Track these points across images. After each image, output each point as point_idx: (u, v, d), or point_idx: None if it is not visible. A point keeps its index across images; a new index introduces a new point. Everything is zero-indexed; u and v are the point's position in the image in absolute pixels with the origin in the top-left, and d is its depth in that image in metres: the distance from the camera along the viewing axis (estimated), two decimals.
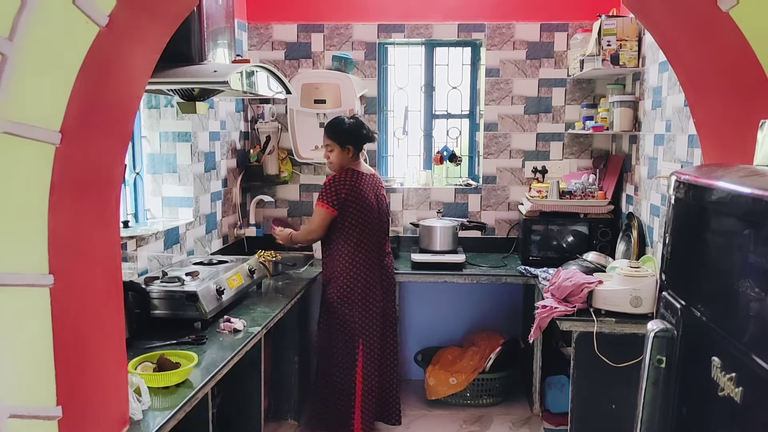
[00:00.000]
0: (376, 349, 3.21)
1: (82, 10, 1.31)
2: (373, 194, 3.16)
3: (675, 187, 1.36)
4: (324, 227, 3.10)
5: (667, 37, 1.97)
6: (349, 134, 3.11)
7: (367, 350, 3.16)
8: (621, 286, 2.71)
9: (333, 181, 3.08)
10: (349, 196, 3.06)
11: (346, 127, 3.12)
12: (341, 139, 3.10)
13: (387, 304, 3.28)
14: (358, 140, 3.13)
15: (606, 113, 3.67)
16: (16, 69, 1.24)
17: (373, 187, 3.18)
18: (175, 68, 2.23)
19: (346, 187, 3.06)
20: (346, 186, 3.06)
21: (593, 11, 3.67)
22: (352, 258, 3.10)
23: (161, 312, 2.52)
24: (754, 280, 1.02)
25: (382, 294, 3.23)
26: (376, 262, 3.18)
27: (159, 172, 3.28)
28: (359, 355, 3.14)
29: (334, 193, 3.05)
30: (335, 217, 3.07)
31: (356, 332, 3.13)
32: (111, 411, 1.63)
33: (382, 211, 3.22)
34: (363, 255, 3.12)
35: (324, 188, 3.08)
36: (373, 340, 3.19)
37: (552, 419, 3.48)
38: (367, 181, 3.14)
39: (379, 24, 3.99)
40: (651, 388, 1.34)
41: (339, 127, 3.12)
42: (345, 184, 3.06)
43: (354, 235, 3.10)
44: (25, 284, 1.32)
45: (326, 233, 3.12)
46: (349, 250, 3.10)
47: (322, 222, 3.08)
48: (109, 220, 1.60)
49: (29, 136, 1.28)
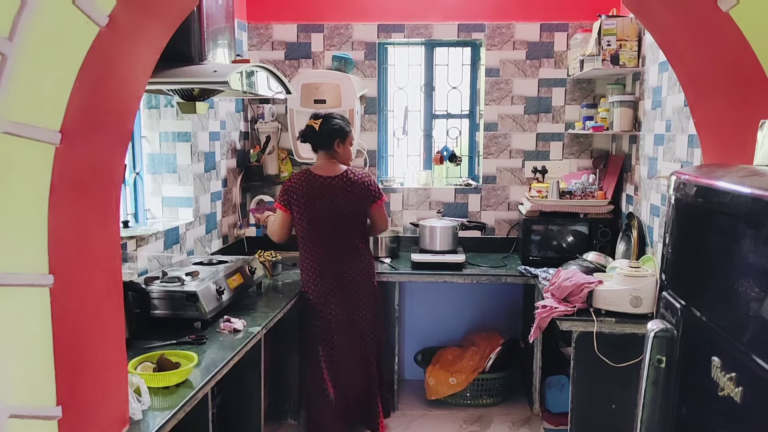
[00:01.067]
0: (339, 357, 3.14)
1: (82, 10, 1.31)
2: (325, 196, 3.05)
3: (675, 187, 1.36)
4: (282, 227, 3.11)
5: (667, 37, 1.97)
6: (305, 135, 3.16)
7: (329, 358, 3.13)
8: (621, 286, 2.71)
9: (285, 183, 3.12)
10: (291, 197, 3.06)
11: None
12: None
13: (351, 311, 3.14)
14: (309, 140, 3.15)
15: (606, 113, 3.67)
16: (16, 69, 1.24)
17: (328, 188, 3.06)
18: (175, 68, 2.22)
19: (291, 187, 3.06)
20: (292, 186, 3.07)
21: (593, 11, 3.67)
22: (304, 263, 3.13)
23: (161, 312, 2.52)
24: (754, 279, 1.02)
25: (341, 301, 3.11)
26: (329, 268, 3.09)
27: (159, 172, 3.28)
28: (323, 361, 3.12)
29: (283, 193, 3.08)
30: (292, 217, 3.09)
31: (315, 339, 3.13)
32: (111, 411, 1.63)
33: (341, 214, 3.07)
34: (311, 261, 3.10)
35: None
36: (334, 349, 3.13)
37: (552, 419, 3.48)
38: (320, 183, 3.06)
39: (379, 24, 3.99)
40: (651, 388, 1.34)
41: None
42: (291, 185, 3.07)
43: (302, 240, 3.11)
44: (25, 284, 1.32)
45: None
46: (302, 255, 3.14)
47: (280, 221, 3.10)
48: (109, 220, 1.60)
49: (29, 136, 1.28)
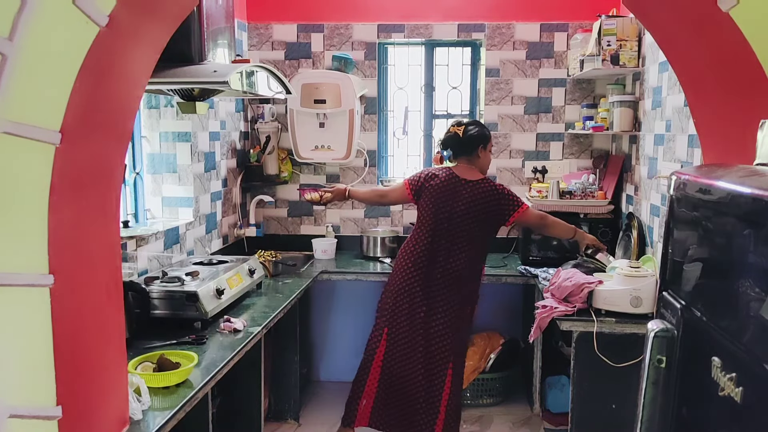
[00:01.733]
0: (400, 346, 3.03)
1: (82, 10, 1.31)
2: (449, 195, 3.01)
3: (675, 187, 1.36)
4: (397, 198, 3.22)
5: (667, 37, 1.97)
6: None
7: (392, 341, 3.04)
8: (621, 286, 2.71)
9: (427, 169, 3.17)
10: (423, 187, 3.07)
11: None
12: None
13: (428, 316, 3.00)
14: (451, 147, 3.17)
15: (606, 113, 3.67)
16: (16, 69, 1.24)
17: (452, 188, 3.02)
18: (175, 68, 2.22)
19: (422, 178, 3.10)
20: (422, 177, 3.11)
21: (593, 11, 3.66)
22: (407, 244, 3.13)
23: (161, 312, 2.52)
24: (755, 279, 1.02)
25: (422, 298, 3.00)
26: (426, 260, 3.02)
27: (159, 172, 3.28)
28: (383, 340, 3.05)
29: (421, 177, 3.12)
30: (411, 203, 3.16)
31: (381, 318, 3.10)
32: (111, 411, 1.63)
33: (456, 215, 2.99)
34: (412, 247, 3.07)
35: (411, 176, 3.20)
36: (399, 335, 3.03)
37: (552, 419, 3.48)
38: (459, 184, 3.02)
39: (379, 24, 3.99)
40: (651, 388, 1.34)
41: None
42: (422, 175, 3.12)
43: (417, 225, 3.11)
44: (25, 284, 1.32)
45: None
46: (410, 237, 3.14)
47: (399, 193, 3.17)
48: (109, 220, 1.60)
49: (29, 136, 1.28)
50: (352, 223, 4.18)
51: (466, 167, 3.08)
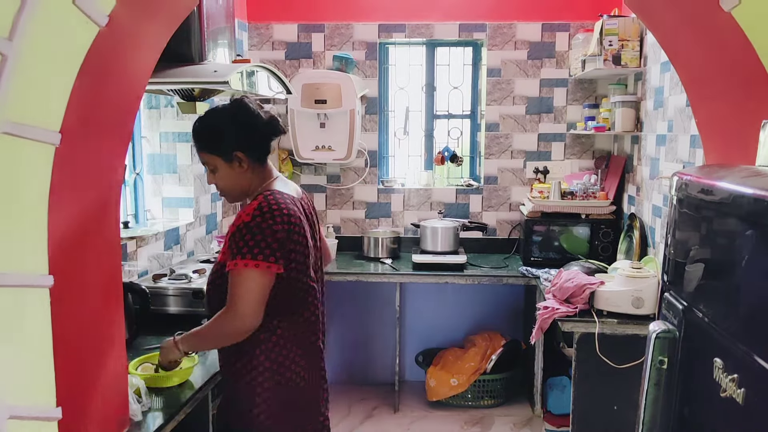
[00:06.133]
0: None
1: (82, 10, 1.31)
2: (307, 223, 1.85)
3: (677, 187, 1.36)
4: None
5: (669, 37, 1.97)
6: (224, 133, 1.78)
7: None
8: (623, 287, 2.71)
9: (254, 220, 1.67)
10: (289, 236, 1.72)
11: (213, 121, 1.81)
12: (216, 145, 1.78)
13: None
14: (246, 137, 1.79)
15: (608, 113, 3.67)
16: (16, 69, 1.24)
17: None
18: (175, 68, 2.22)
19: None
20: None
21: (595, 11, 3.66)
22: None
23: (168, 309, 2.54)
24: (757, 280, 1.01)
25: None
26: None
27: (159, 173, 3.27)
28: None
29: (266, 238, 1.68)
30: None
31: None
32: (111, 412, 1.63)
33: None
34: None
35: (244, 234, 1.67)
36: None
37: (553, 420, 3.48)
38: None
39: (380, 24, 3.98)
40: (653, 390, 1.34)
41: (204, 126, 1.81)
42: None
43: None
44: (25, 284, 1.32)
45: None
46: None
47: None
48: (109, 220, 1.60)
49: (29, 136, 1.28)
50: (353, 223, 4.18)
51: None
